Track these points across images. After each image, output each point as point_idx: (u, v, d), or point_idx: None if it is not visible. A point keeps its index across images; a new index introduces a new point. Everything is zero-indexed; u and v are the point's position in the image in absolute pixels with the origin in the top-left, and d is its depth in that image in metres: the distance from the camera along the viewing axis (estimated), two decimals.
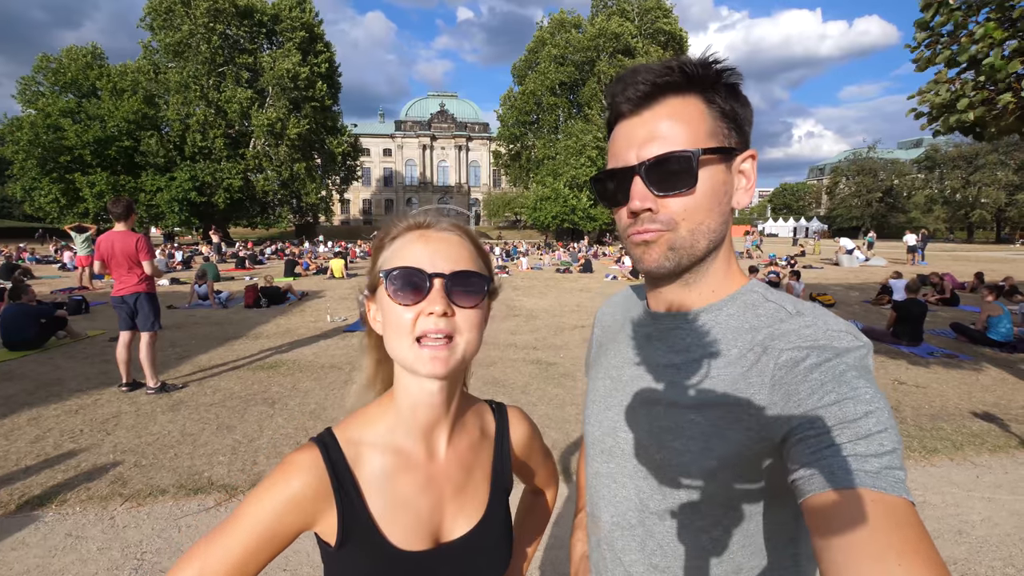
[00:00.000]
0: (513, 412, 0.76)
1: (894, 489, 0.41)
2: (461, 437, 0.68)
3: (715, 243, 0.58)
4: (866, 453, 0.42)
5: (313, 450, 0.59)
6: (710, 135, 0.55)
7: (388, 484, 0.61)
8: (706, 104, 0.55)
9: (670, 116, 0.55)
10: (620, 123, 0.59)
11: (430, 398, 0.61)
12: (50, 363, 5.25)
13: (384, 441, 0.62)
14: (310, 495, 0.56)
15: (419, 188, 60.89)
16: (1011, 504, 2.70)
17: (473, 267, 0.59)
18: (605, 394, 0.68)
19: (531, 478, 0.83)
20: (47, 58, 31.98)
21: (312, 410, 3.95)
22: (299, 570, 2.15)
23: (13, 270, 11.58)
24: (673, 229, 0.56)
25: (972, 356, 5.69)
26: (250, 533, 0.54)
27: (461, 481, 0.66)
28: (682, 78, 0.55)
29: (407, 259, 0.57)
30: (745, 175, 0.58)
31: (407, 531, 0.60)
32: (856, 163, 54.08)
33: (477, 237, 0.64)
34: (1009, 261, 20.94)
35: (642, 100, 0.56)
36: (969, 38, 4.31)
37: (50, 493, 2.69)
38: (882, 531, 0.39)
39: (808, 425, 0.46)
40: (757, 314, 0.57)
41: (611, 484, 0.65)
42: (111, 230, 4.20)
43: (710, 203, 0.55)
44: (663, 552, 0.59)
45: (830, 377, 0.47)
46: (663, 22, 35.92)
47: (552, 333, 6.93)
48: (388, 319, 0.58)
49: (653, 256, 0.57)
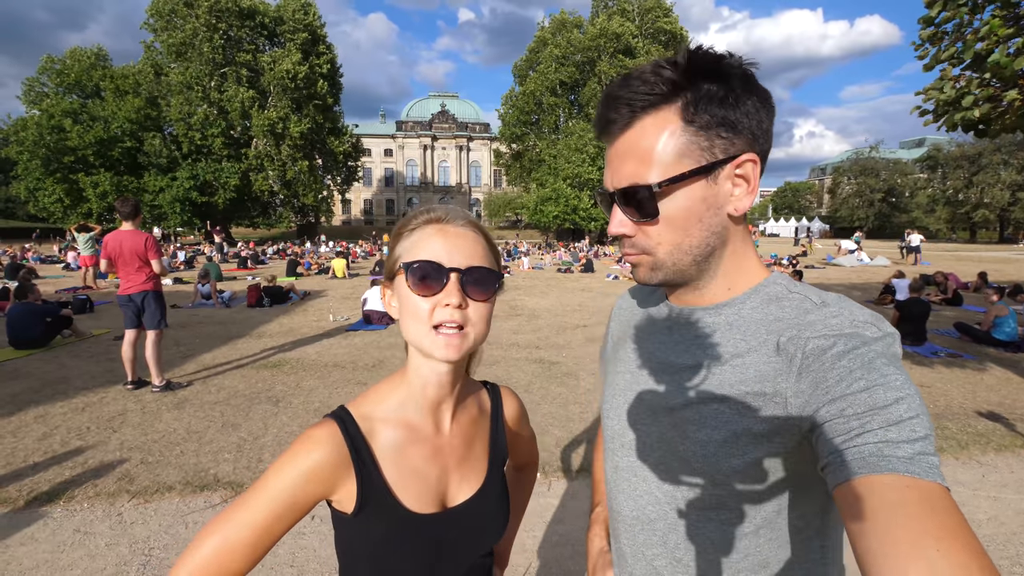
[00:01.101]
0: (505, 391, 0.84)
1: (928, 475, 0.40)
2: (463, 413, 0.74)
3: (702, 255, 0.57)
4: (898, 439, 0.42)
5: (331, 424, 0.63)
6: (680, 156, 0.53)
7: (400, 454, 0.66)
8: (682, 119, 0.53)
9: (638, 143, 0.55)
10: (607, 144, 0.60)
11: (439, 378, 0.67)
12: (56, 362, 5.27)
13: (395, 416, 0.67)
14: (331, 465, 0.61)
15: (420, 188, 60.94)
16: (1017, 503, 2.69)
17: (486, 263, 0.64)
18: (625, 388, 0.68)
19: (518, 453, 0.89)
20: (52, 59, 32.12)
21: (316, 408, 3.96)
22: (306, 566, 2.16)
23: (18, 270, 11.63)
24: (651, 253, 0.58)
25: (976, 356, 5.68)
26: (274, 501, 0.58)
27: (463, 452, 0.72)
28: (656, 95, 0.53)
29: (426, 252, 0.61)
30: (745, 179, 0.55)
31: (418, 496, 0.66)
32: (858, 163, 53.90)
33: (489, 234, 0.68)
34: (1012, 261, 20.86)
35: (622, 122, 0.56)
36: (974, 35, 4.30)
37: (58, 489, 2.71)
38: (918, 517, 0.38)
39: (838, 412, 0.45)
40: (782, 306, 0.56)
41: (632, 478, 0.64)
42: (118, 229, 4.22)
43: (685, 224, 0.55)
44: (686, 546, 0.59)
45: (859, 364, 0.46)
46: (664, 22, 35.90)
47: (554, 332, 6.93)
48: (406, 306, 0.62)
49: (640, 275, 0.61)
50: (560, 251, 22.32)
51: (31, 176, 29.78)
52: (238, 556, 0.57)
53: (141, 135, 30.92)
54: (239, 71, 32.14)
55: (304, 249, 25.00)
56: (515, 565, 2.17)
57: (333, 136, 36.60)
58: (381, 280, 0.71)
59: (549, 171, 33.56)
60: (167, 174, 31.23)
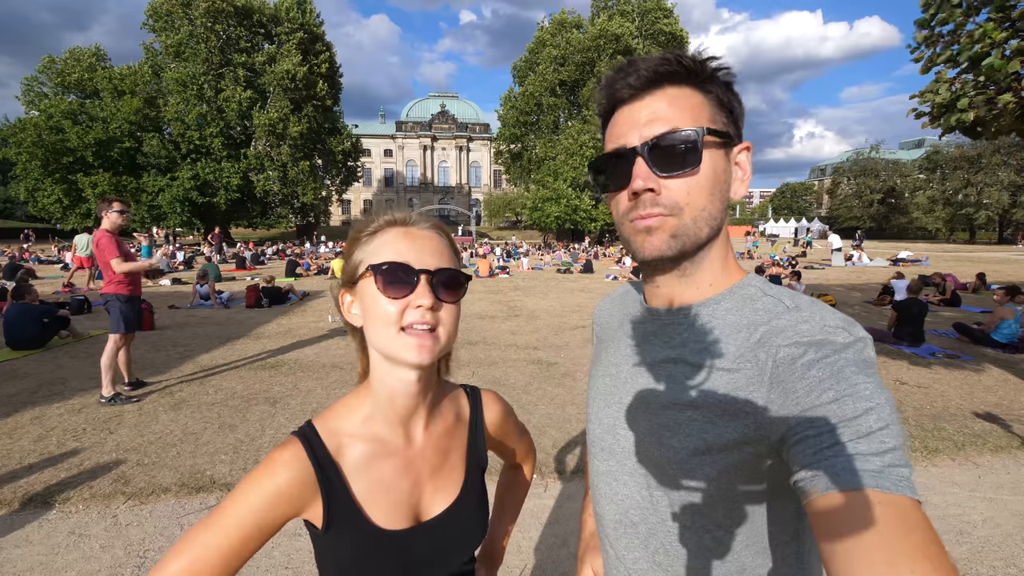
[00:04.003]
0: (486, 395, 0.80)
1: (898, 488, 0.40)
2: (437, 422, 0.72)
3: (715, 231, 0.57)
4: (867, 452, 0.41)
5: (295, 444, 0.62)
6: (711, 120, 0.56)
7: (368, 470, 0.64)
8: (704, 94, 0.56)
9: (671, 100, 0.56)
10: (620, 109, 0.58)
11: (407, 387, 0.64)
12: (53, 362, 5.27)
13: (362, 431, 0.65)
14: (296, 487, 0.60)
15: (420, 188, 60.96)
16: (1013, 504, 2.69)
17: (453, 264, 0.64)
18: (605, 392, 0.68)
19: (509, 455, 0.88)
20: (51, 59, 32.09)
21: (314, 409, 3.96)
22: (301, 568, 2.16)
23: (16, 270, 11.62)
24: (676, 215, 0.54)
25: (973, 357, 5.68)
26: (241, 526, 0.57)
27: (437, 463, 0.70)
28: (680, 70, 0.56)
29: (393, 254, 0.60)
30: (741, 167, 0.59)
31: (388, 512, 0.64)
32: (858, 163, 53.94)
33: (452, 236, 0.67)
34: (1012, 262, 20.87)
35: (643, 86, 0.56)
36: (969, 38, 4.31)
37: (53, 491, 2.71)
38: (891, 536, 0.37)
39: (807, 424, 0.45)
40: (755, 308, 0.56)
41: (612, 483, 0.64)
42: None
43: (712, 187, 0.55)
44: (666, 551, 0.59)
45: (828, 374, 0.46)
46: (663, 23, 35.89)
47: (553, 333, 6.93)
48: (373, 310, 0.60)
49: (654, 243, 0.56)
50: (560, 251, 22.34)
51: (30, 177, 29.76)
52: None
53: (140, 135, 30.90)
54: (236, 71, 32.14)
55: (303, 250, 25.01)
56: (510, 566, 2.17)
57: (332, 136, 36.61)
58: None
59: (549, 172, 33.57)
60: (166, 174, 31.22)
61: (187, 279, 12.42)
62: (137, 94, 30.88)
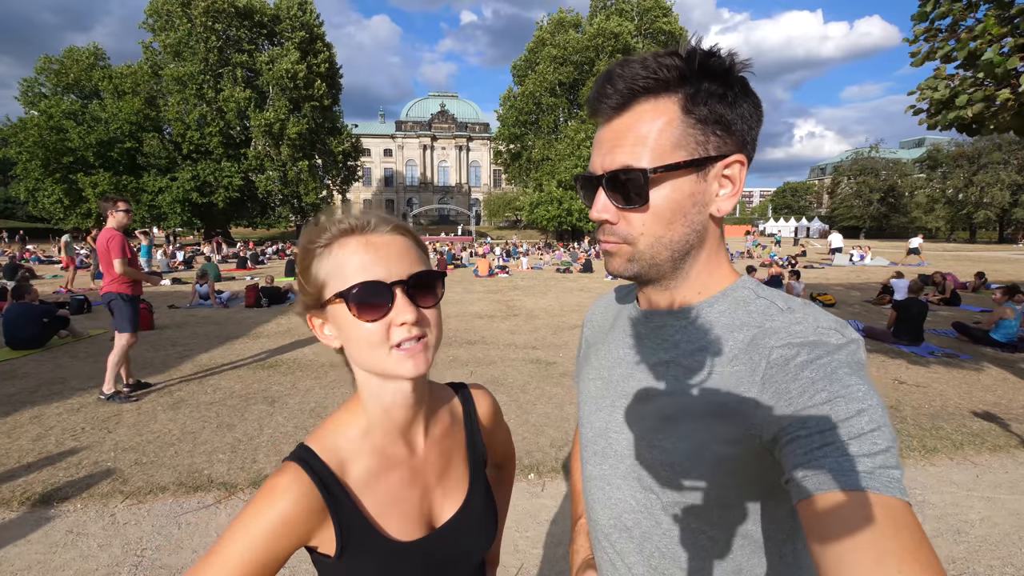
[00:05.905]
0: (476, 390, 0.79)
1: (888, 489, 0.40)
2: (436, 426, 0.70)
3: (680, 253, 0.56)
4: (859, 453, 0.41)
5: (294, 468, 0.58)
6: (675, 146, 0.52)
7: (376, 486, 0.62)
8: (681, 110, 0.52)
9: (634, 126, 0.53)
10: (600, 125, 0.58)
11: (405, 399, 0.62)
12: (52, 362, 5.27)
13: (363, 446, 0.62)
14: (302, 513, 0.56)
15: (420, 188, 60.96)
16: (1011, 503, 2.69)
17: (423, 264, 0.59)
18: (596, 395, 0.67)
19: (495, 452, 0.86)
20: (49, 59, 32.07)
21: (312, 408, 3.96)
22: (298, 568, 2.16)
23: (16, 270, 11.63)
24: (631, 243, 0.56)
25: (972, 356, 5.67)
26: (243, 562, 0.52)
27: (442, 467, 0.69)
28: (658, 80, 0.52)
29: (358, 273, 0.55)
30: (730, 180, 0.55)
31: (401, 524, 0.62)
32: (858, 163, 53.89)
33: (416, 233, 0.63)
34: (1012, 261, 20.87)
35: (618, 106, 0.54)
36: (968, 33, 4.29)
37: (52, 490, 2.71)
38: (880, 536, 0.38)
39: (799, 425, 0.45)
40: (748, 311, 0.56)
41: (605, 487, 0.64)
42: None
43: (672, 216, 0.54)
44: (661, 554, 0.58)
45: (821, 375, 0.46)
46: (663, 22, 35.84)
47: (552, 332, 6.93)
48: (354, 335, 0.56)
49: (615, 264, 0.59)
50: (559, 251, 22.33)
51: (30, 177, 29.76)
52: None
53: (140, 135, 30.89)
54: (235, 71, 32.11)
55: None
56: (507, 565, 2.17)
57: (332, 136, 36.59)
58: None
59: (546, 172, 33.55)
60: (166, 175, 31.21)
61: (187, 279, 12.43)
62: (138, 93, 30.88)
